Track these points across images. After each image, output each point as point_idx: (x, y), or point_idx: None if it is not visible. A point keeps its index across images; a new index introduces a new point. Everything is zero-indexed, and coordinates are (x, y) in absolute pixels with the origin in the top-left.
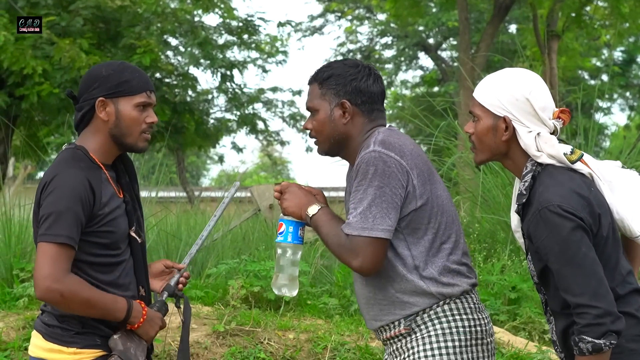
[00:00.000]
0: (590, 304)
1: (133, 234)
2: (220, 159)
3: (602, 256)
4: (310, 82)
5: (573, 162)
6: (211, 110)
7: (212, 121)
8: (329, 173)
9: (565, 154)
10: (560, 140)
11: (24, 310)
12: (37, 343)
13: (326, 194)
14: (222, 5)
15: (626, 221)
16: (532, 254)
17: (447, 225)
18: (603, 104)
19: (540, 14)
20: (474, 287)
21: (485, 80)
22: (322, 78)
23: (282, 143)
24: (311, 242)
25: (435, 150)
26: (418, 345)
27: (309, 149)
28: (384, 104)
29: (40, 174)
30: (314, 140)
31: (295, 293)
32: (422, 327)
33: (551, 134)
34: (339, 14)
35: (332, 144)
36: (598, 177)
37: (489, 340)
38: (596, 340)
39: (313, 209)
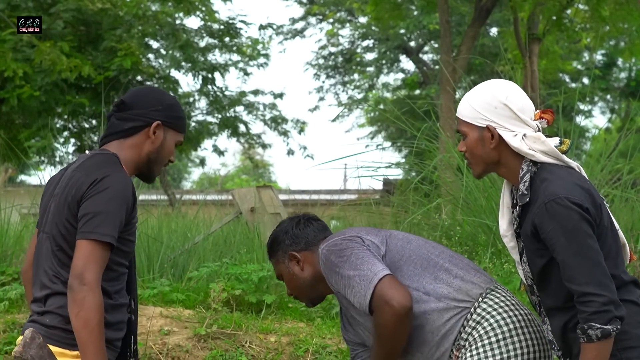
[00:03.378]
0: (596, 292)
1: None
2: (202, 162)
3: (604, 245)
4: (269, 260)
5: (565, 152)
6: (192, 113)
7: (193, 124)
8: (310, 176)
9: (556, 146)
10: (546, 135)
11: (4, 314)
12: None
13: (307, 197)
14: (204, 8)
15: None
16: (532, 252)
17: (419, 249)
18: (584, 107)
19: (521, 17)
20: (487, 284)
21: (463, 98)
22: (269, 250)
23: (264, 146)
24: None
25: (417, 152)
26: (466, 352)
27: (290, 152)
28: (323, 223)
29: (22, 177)
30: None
31: None
32: (465, 337)
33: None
34: (321, 17)
35: (310, 291)
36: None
37: (531, 325)
38: (605, 326)
39: None
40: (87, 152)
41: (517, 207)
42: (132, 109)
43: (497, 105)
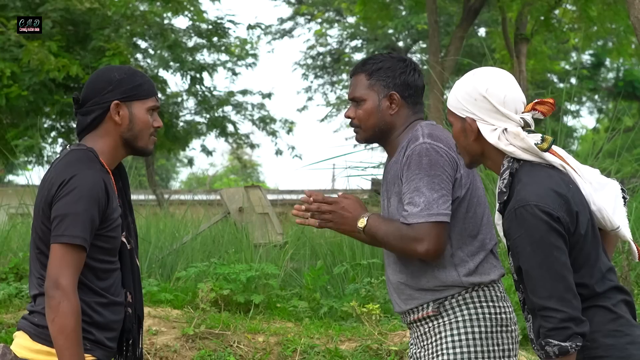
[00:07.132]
0: (556, 307)
1: (123, 239)
2: (190, 162)
3: (580, 253)
4: (356, 73)
5: (545, 150)
6: (181, 113)
7: (181, 124)
8: (298, 176)
9: (536, 144)
10: (530, 131)
11: None
12: (24, 343)
13: (295, 197)
14: (192, 8)
15: (604, 212)
16: (510, 251)
17: (483, 216)
18: (572, 107)
19: (509, 17)
20: (501, 277)
21: (454, 85)
22: (372, 69)
23: (252, 146)
24: (281, 245)
25: None
26: (445, 331)
27: (278, 152)
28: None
29: (9, 177)
30: (355, 128)
31: None
32: (450, 312)
33: (523, 127)
34: (309, 17)
35: (375, 133)
36: (573, 168)
37: (513, 328)
38: (562, 343)
39: (362, 222)
40: (67, 147)
41: (497, 204)
42: (88, 100)
43: (476, 97)
